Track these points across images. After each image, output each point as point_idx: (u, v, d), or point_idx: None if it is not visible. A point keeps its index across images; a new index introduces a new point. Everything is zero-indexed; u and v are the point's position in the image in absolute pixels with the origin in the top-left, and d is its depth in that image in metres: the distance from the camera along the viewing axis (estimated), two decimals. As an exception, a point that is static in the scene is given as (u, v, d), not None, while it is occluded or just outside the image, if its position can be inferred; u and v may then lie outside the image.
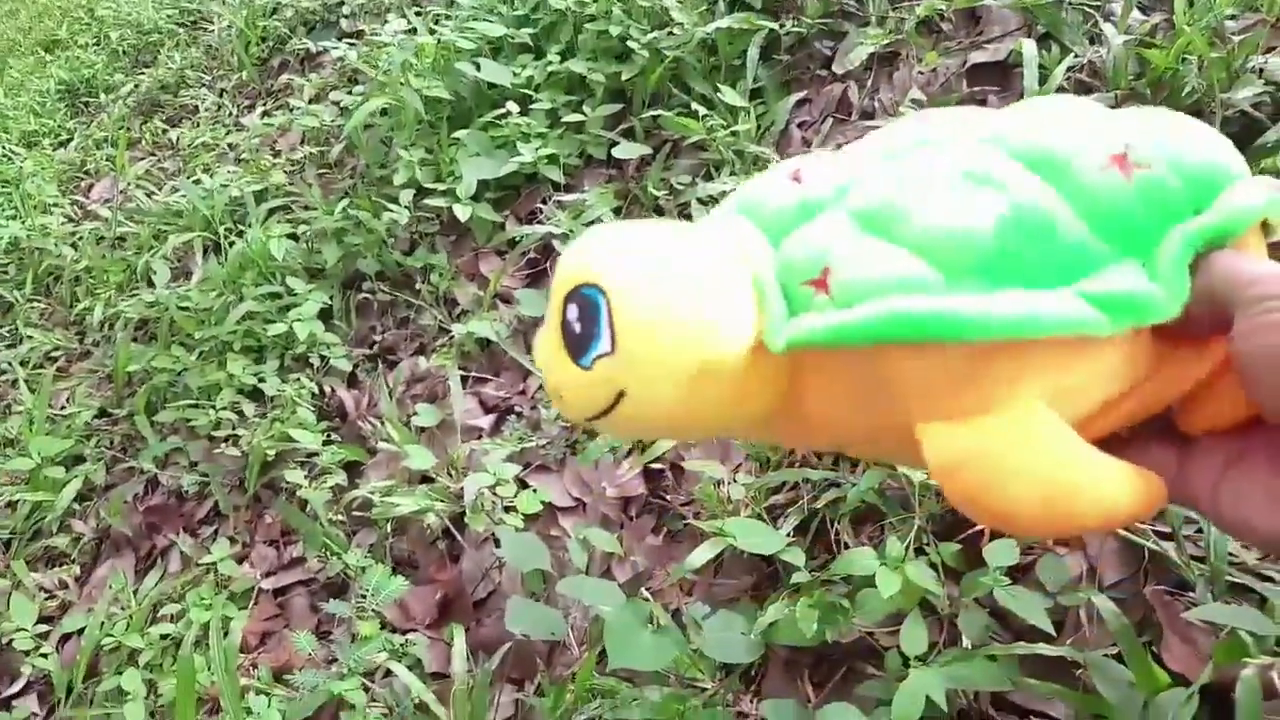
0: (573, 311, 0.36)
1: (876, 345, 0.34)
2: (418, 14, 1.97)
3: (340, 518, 1.34)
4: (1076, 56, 1.25)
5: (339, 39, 2.17)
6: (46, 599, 1.45)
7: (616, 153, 1.55)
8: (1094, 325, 0.33)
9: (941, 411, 0.35)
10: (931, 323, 0.33)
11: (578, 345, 0.36)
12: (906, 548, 0.91)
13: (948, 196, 0.35)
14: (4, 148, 2.65)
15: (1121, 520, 0.35)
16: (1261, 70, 1.11)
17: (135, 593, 1.38)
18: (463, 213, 1.56)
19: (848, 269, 0.35)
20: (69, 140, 2.69)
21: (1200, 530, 0.88)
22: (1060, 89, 1.21)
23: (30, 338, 1.92)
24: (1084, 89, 1.23)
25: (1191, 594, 0.87)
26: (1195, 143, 0.37)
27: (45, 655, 1.34)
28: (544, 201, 1.58)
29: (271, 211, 1.86)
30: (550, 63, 1.67)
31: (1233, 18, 1.18)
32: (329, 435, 1.46)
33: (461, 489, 1.24)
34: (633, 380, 0.36)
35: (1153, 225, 0.35)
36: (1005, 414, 0.35)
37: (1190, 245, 0.34)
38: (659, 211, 1.45)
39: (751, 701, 0.97)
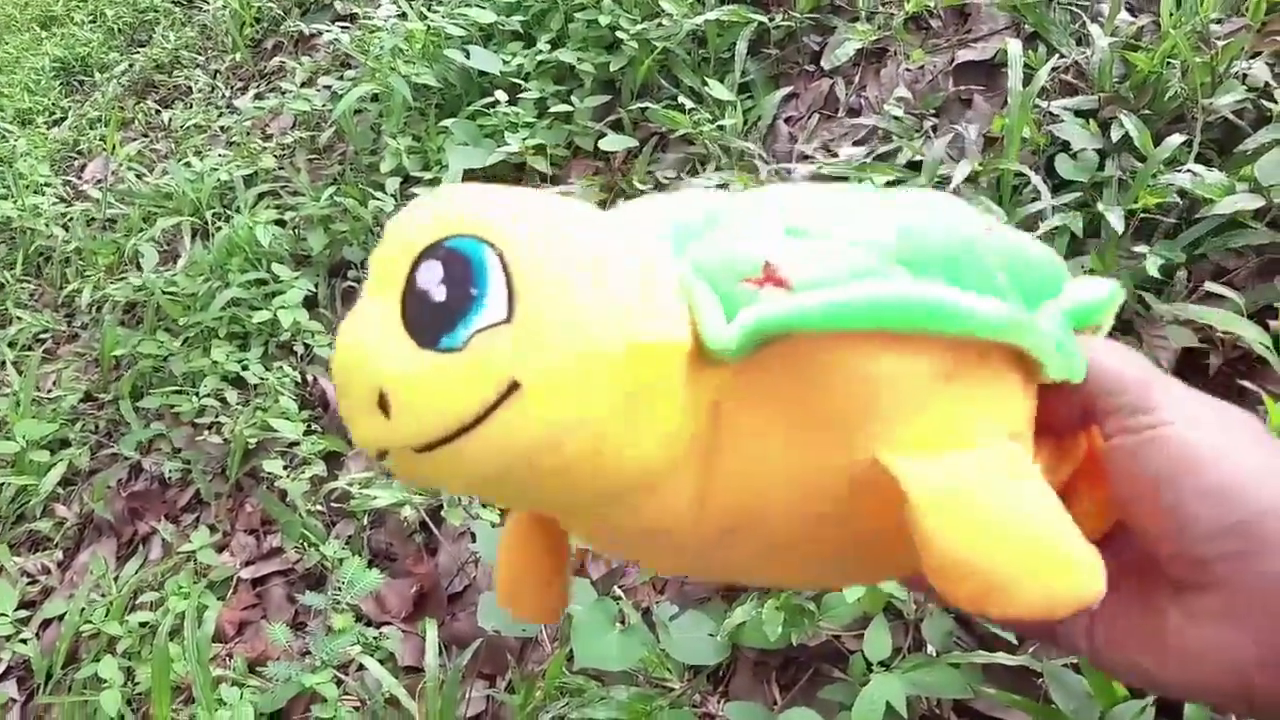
0: (429, 273, 0.26)
1: (852, 342, 0.28)
2: (410, -2, 1.96)
3: (319, 508, 1.34)
4: (1062, 57, 1.24)
5: (333, 21, 2.16)
6: (29, 584, 1.45)
7: (604, 144, 1.54)
8: (1050, 355, 0.30)
9: (907, 438, 0.29)
10: (933, 308, 0.28)
11: (439, 319, 0.25)
12: (873, 554, 0.91)
13: (885, 212, 0.31)
14: (-2, 125, 2.65)
15: (1080, 607, 0.28)
16: (1245, 76, 1.10)
17: (116, 579, 1.38)
18: (449, 202, 1.55)
19: (804, 262, 0.29)
20: (63, 119, 2.69)
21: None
22: (1044, 90, 1.20)
23: (19, 319, 1.92)
24: (1068, 90, 1.23)
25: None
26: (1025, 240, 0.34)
27: (25, 641, 1.34)
28: (530, 192, 1.58)
29: (260, 196, 1.86)
30: (540, 51, 1.66)
31: (1218, 22, 1.17)
32: (310, 425, 1.46)
33: (439, 482, 1.24)
34: (534, 363, 0.25)
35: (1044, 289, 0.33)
36: (983, 449, 0.30)
37: (1065, 322, 0.32)
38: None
39: (718, 703, 0.97)
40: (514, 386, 0.25)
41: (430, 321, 0.25)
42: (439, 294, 0.25)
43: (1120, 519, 0.33)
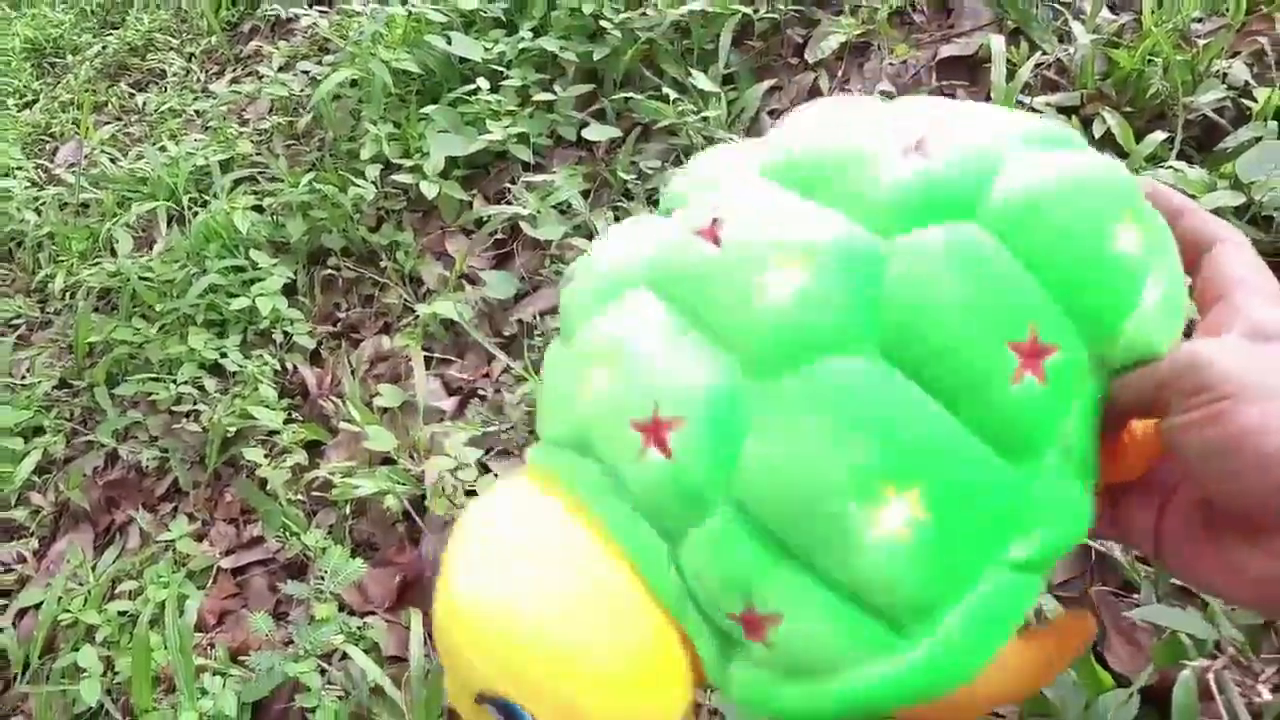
0: (491, 710, 0.33)
1: None
2: (390, -17, 1.95)
3: (300, 497, 1.34)
4: (1044, 54, 1.25)
5: (310, 5, 2.14)
6: (4, 572, 1.44)
7: (587, 134, 1.54)
8: (1032, 594, 0.33)
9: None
10: (896, 697, 0.31)
11: None
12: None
13: (856, 523, 0.31)
14: (-33, 107, 2.61)
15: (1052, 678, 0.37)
16: (1225, 75, 1.12)
17: (94, 568, 1.37)
18: (430, 190, 1.55)
19: (784, 627, 0.32)
20: (34, 101, 2.65)
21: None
22: (1027, 86, 1.21)
23: (-9, 304, 1.90)
24: (1051, 87, 1.24)
25: (1137, 595, 0.88)
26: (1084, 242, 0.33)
27: (1, 630, 1.33)
28: (513, 181, 1.57)
29: (237, 182, 1.84)
30: (523, 39, 1.66)
31: (1199, 20, 1.18)
32: (290, 414, 1.45)
33: (422, 472, 1.24)
34: None
35: (1055, 429, 0.33)
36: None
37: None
38: (628, 196, 1.44)
39: (706, 693, 0.98)
40: None
41: None
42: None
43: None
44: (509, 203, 1.52)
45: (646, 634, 0.33)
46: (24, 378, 1.72)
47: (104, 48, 2.64)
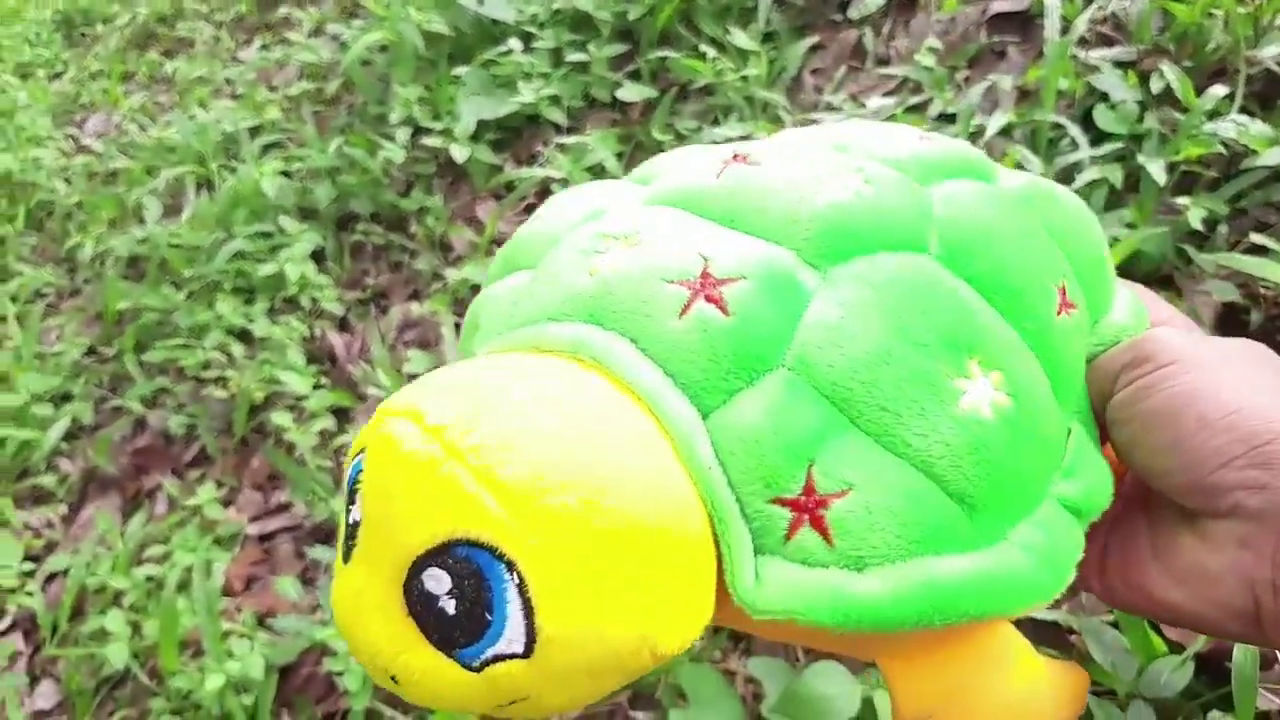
0: (435, 580, 0.23)
1: None
2: (420, -52, 1.92)
3: (328, 463, 1.32)
4: (1100, 8, 1.20)
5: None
6: (33, 538, 1.43)
7: (621, 95, 1.50)
8: (1076, 551, 0.31)
9: (900, 649, 0.32)
10: (977, 606, 0.27)
11: (452, 631, 0.24)
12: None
13: (943, 383, 0.28)
14: (-2, 78, 2.60)
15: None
16: (1292, 25, 1.07)
17: (121, 534, 1.36)
18: (460, 154, 1.52)
19: (851, 503, 0.27)
20: (64, 72, 2.64)
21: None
22: (1082, 40, 1.16)
23: (21, 273, 1.89)
24: (1106, 41, 1.19)
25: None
26: (1085, 238, 0.35)
27: (30, 594, 1.32)
28: (545, 144, 1.54)
29: (266, 148, 1.82)
30: None
31: (1265, -31, 1.13)
32: (318, 380, 1.43)
33: (452, 437, 1.22)
34: (546, 688, 0.24)
35: (1080, 378, 0.33)
36: (970, 650, 0.32)
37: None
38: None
39: (739, 659, 0.95)
40: (525, 696, 0.24)
41: (441, 630, 0.24)
42: (449, 606, 0.23)
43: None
44: (541, 166, 1.49)
45: (687, 498, 0.26)
46: (53, 345, 1.71)
47: (133, 17, 2.63)
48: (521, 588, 0.23)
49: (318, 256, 1.62)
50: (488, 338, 0.32)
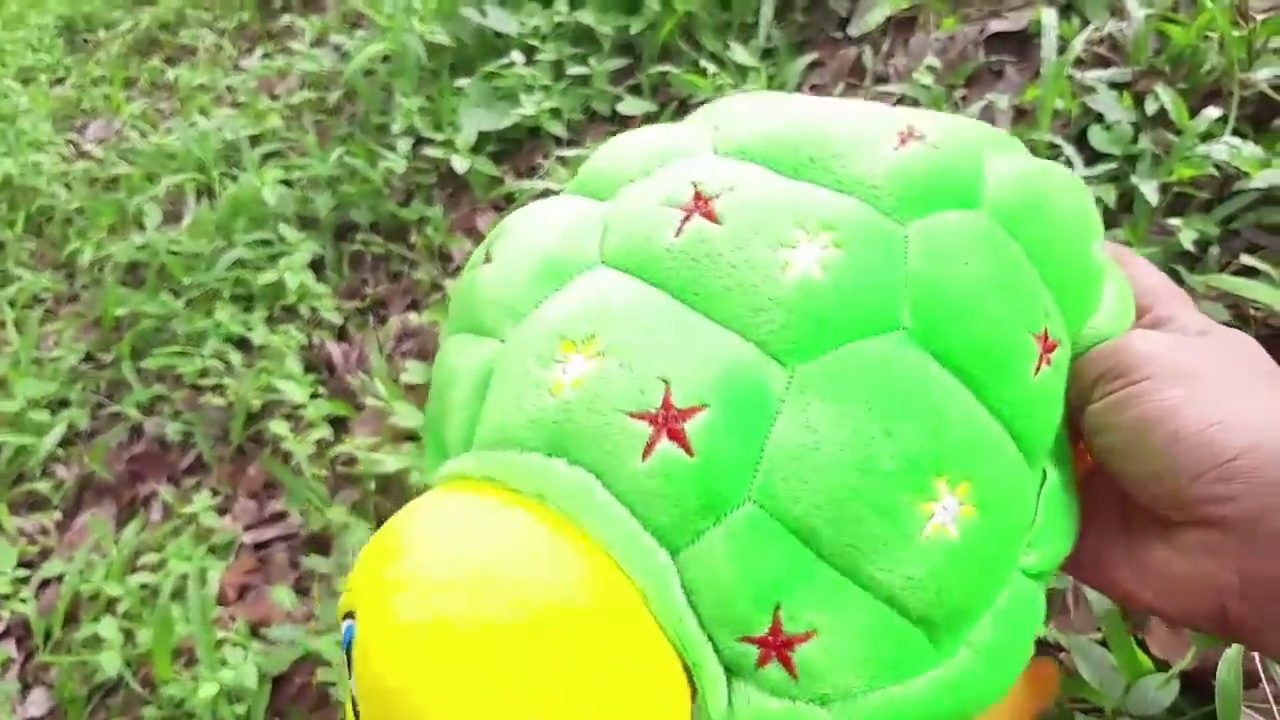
0: None
1: None
2: (423, -41, 1.93)
3: (324, 473, 1.32)
4: (1097, 30, 1.21)
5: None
6: (27, 544, 1.43)
7: (622, 109, 1.51)
8: (1038, 611, 0.32)
9: None
10: (939, 715, 0.28)
11: None
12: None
13: (906, 517, 0.28)
14: (0, 84, 2.61)
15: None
16: (1285, 50, 1.08)
17: (116, 541, 1.36)
18: (461, 165, 1.53)
19: (815, 646, 0.27)
20: (65, 77, 2.65)
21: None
22: (1078, 61, 1.17)
23: (19, 278, 1.89)
24: (1102, 62, 1.20)
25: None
26: (1073, 245, 0.35)
27: (24, 600, 1.32)
28: (545, 156, 1.55)
29: (267, 156, 1.83)
30: (558, 12, 1.63)
31: (1259, -6, 1.14)
32: (316, 389, 1.43)
33: (448, 448, 1.22)
34: None
35: (1054, 431, 0.33)
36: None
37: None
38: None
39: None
40: None
41: None
42: None
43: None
44: (541, 178, 1.50)
45: (650, 662, 0.27)
46: (51, 351, 1.72)
47: (136, 23, 2.64)
48: None
49: (317, 265, 1.62)
50: (447, 425, 0.33)
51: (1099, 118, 1.12)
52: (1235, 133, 1.07)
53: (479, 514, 0.29)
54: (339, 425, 1.39)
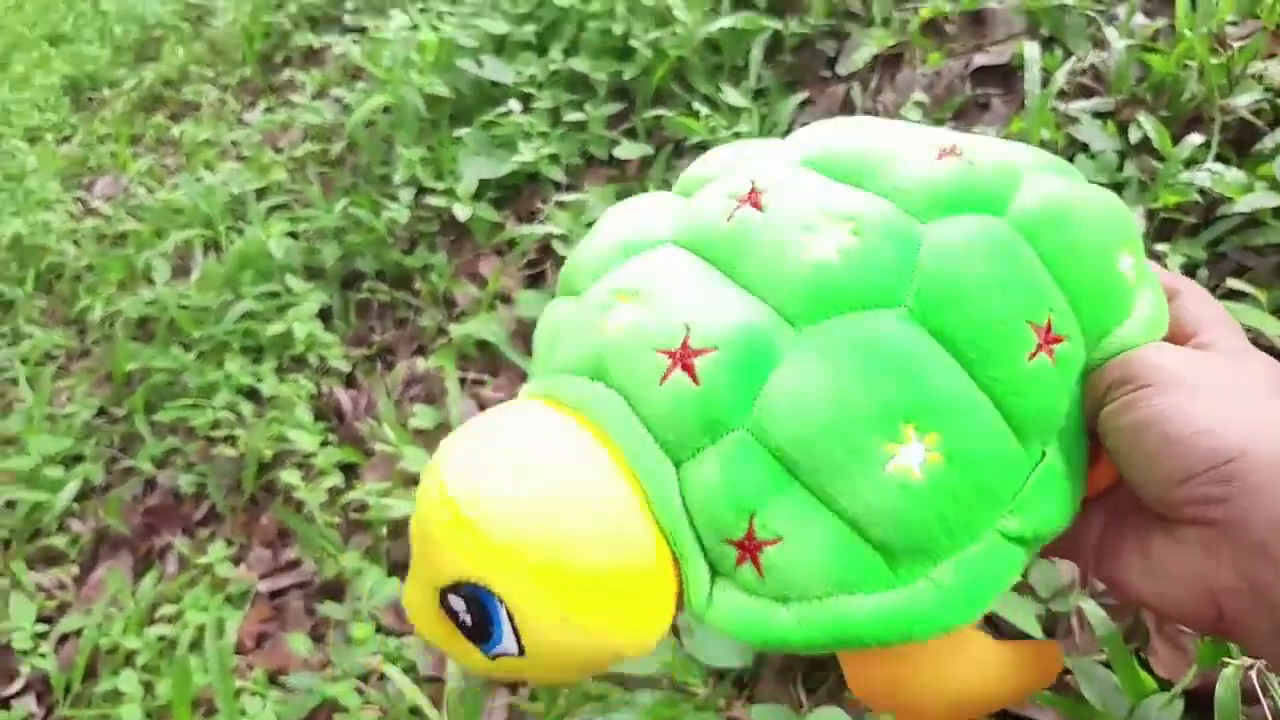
0: (457, 602, 0.33)
1: None
2: (421, 10, 1.96)
3: (337, 520, 1.34)
4: (1079, 60, 1.24)
5: (342, 34, 2.17)
6: (45, 599, 1.45)
7: (618, 152, 1.54)
8: (1016, 569, 0.34)
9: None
10: (882, 636, 0.32)
11: (473, 634, 0.33)
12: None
13: (875, 450, 0.32)
14: (7, 143, 2.65)
15: (1019, 700, 0.38)
16: (1261, 77, 1.10)
17: (133, 594, 1.38)
18: (463, 212, 1.56)
19: (781, 550, 0.32)
20: (72, 136, 2.69)
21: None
22: (1061, 93, 1.20)
23: (31, 335, 1.92)
24: (1086, 93, 1.22)
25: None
26: (1095, 255, 0.37)
27: (43, 655, 1.34)
28: (544, 201, 1.58)
29: (272, 209, 1.86)
30: (553, 61, 1.66)
31: (1234, 24, 1.17)
32: (326, 437, 1.45)
33: (458, 491, 1.24)
34: (540, 674, 0.34)
35: (1059, 414, 0.35)
36: (925, 646, 0.35)
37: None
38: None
39: (744, 707, 0.96)
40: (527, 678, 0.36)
41: (468, 629, 0.33)
42: (468, 619, 0.33)
43: None
44: (541, 223, 1.52)
45: (643, 545, 0.33)
46: (64, 407, 1.74)
47: (140, 81, 2.68)
48: (510, 614, 0.32)
49: (324, 315, 1.65)
50: (537, 361, 0.41)
51: (1084, 147, 1.15)
52: (1218, 158, 1.09)
53: (530, 413, 0.36)
54: (350, 472, 1.41)
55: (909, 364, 0.33)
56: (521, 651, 0.32)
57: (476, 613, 0.32)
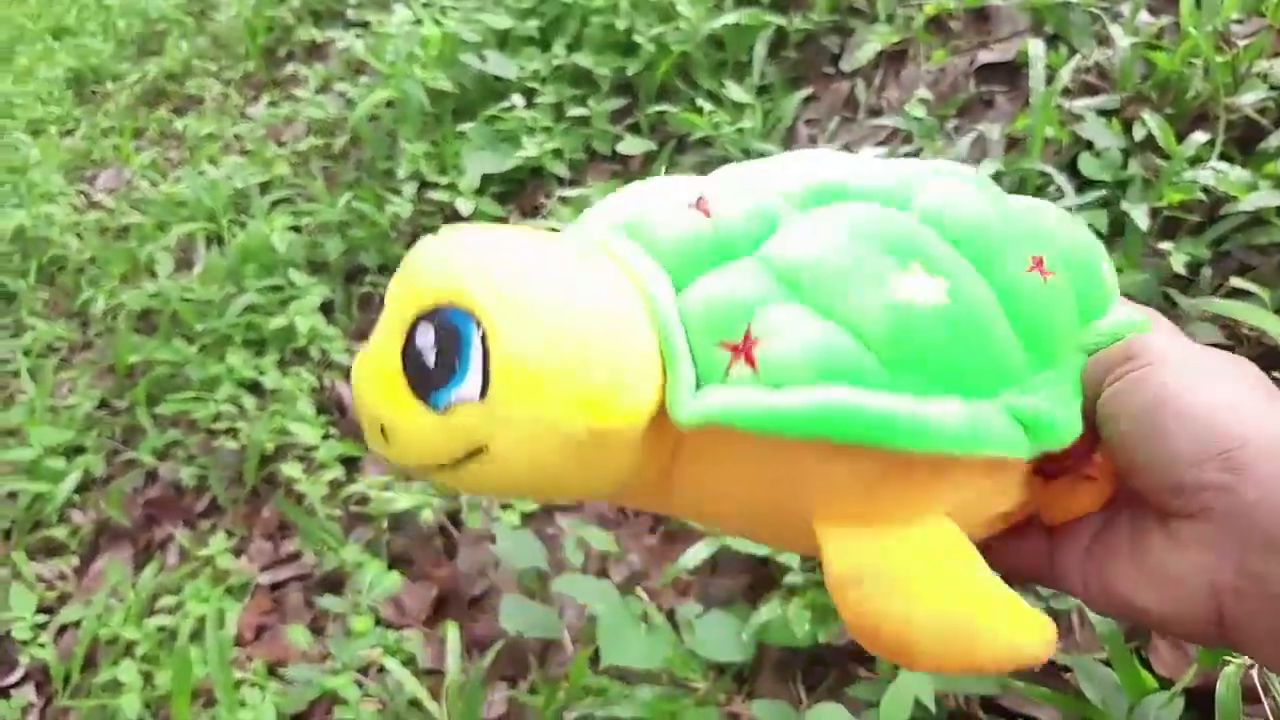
0: (425, 335, 0.29)
1: (783, 441, 0.30)
2: (424, 5, 1.96)
3: (337, 513, 1.34)
4: (1083, 58, 1.24)
5: (346, 28, 2.17)
6: (46, 589, 1.45)
7: (621, 148, 1.54)
8: (1017, 447, 0.32)
9: (845, 511, 0.32)
10: (878, 425, 0.30)
11: (428, 380, 0.29)
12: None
13: (883, 273, 0.32)
14: (11, 136, 2.65)
15: (1019, 665, 0.32)
16: (1266, 75, 1.10)
17: (133, 585, 1.38)
18: (465, 207, 1.56)
19: (777, 340, 0.31)
20: (75, 129, 2.69)
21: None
22: (1066, 90, 1.20)
23: (33, 328, 1.92)
24: (1090, 90, 1.22)
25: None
26: (1078, 244, 0.37)
27: (43, 646, 1.34)
28: (547, 196, 1.58)
29: (275, 203, 1.86)
30: (556, 56, 1.67)
31: (1239, 22, 1.17)
32: (328, 430, 1.45)
33: (459, 485, 1.24)
34: (500, 436, 0.29)
35: (1057, 336, 0.34)
36: (913, 526, 0.32)
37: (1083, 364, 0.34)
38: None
39: (743, 702, 0.96)
40: (481, 448, 0.29)
41: (421, 379, 0.29)
42: (429, 357, 0.29)
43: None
44: (544, 218, 1.52)
45: (635, 324, 0.31)
46: (66, 398, 1.74)
47: (143, 75, 2.68)
48: (484, 340, 0.29)
49: (327, 308, 1.65)
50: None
51: (1089, 145, 1.15)
52: (1222, 157, 1.09)
53: (558, 242, 0.34)
54: (351, 465, 1.41)
55: (916, 235, 0.33)
56: (483, 394, 0.29)
57: (445, 343, 0.29)
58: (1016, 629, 0.32)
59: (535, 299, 0.30)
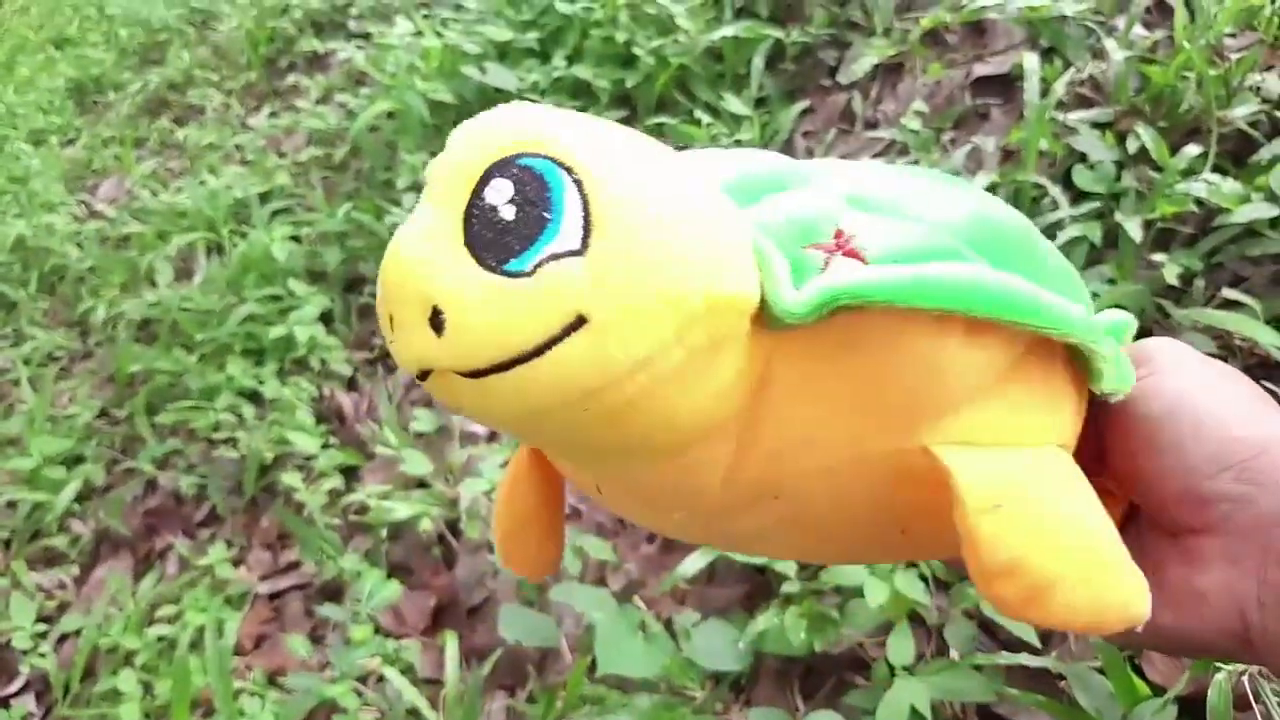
0: (499, 190, 0.24)
1: (922, 323, 0.26)
2: (425, 17, 1.98)
3: (336, 522, 1.34)
4: (1078, 71, 1.25)
5: (347, 40, 2.18)
6: (45, 599, 1.45)
7: (619, 160, 1.55)
8: (1114, 363, 0.29)
9: (960, 431, 0.28)
10: (1025, 301, 0.26)
11: (505, 240, 0.24)
12: (897, 561, 0.91)
13: (956, 196, 0.32)
14: (12, 145, 2.66)
15: (1128, 625, 0.27)
16: (1258, 88, 1.11)
17: (133, 594, 1.38)
18: (464, 218, 1.56)
19: (879, 235, 0.28)
20: (76, 139, 2.70)
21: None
22: (1060, 103, 1.21)
23: (34, 337, 1.93)
24: (1085, 103, 1.23)
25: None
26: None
27: (43, 655, 1.34)
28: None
29: (275, 213, 1.87)
30: (556, 68, 1.68)
31: (1232, 36, 1.18)
32: (327, 439, 1.46)
33: (458, 495, 1.24)
34: (603, 304, 0.23)
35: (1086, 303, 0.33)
36: (1036, 451, 0.29)
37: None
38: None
39: (740, 710, 0.97)
40: (581, 321, 0.23)
41: (496, 242, 0.24)
42: (508, 213, 0.24)
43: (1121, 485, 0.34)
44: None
45: (727, 210, 0.27)
46: (66, 408, 1.75)
47: (145, 85, 2.70)
48: (581, 190, 0.24)
49: (326, 318, 1.65)
50: None
51: (1083, 157, 1.16)
52: (1215, 169, 1.10)
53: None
54: (350, 474, 1.42)
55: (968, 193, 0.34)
56: (584, 243, 0.23)
57: (529, 193, 0.24)
58: (1134, 579, 0.28)
59: (630, 150, 0.25)
